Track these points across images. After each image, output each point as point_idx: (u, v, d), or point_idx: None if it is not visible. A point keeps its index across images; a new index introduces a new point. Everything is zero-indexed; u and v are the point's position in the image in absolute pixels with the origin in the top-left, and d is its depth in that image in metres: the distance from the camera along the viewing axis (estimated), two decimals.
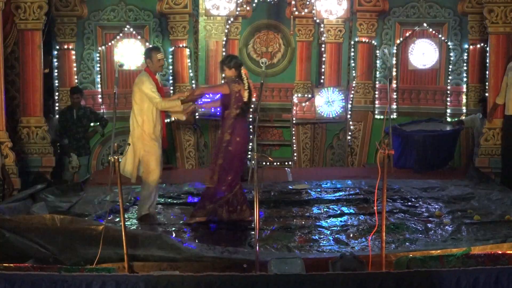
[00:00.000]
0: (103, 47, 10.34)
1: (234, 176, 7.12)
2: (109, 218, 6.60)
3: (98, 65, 10.34)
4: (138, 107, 7.08)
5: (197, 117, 10.16)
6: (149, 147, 7.12)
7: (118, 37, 10.33)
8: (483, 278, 4.61)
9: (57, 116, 9.98)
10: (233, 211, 7.12)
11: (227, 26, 10.88)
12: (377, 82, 10.63)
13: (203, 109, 9.70)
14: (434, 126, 10.16)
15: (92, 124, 10.03)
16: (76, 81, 10.24)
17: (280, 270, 4.88)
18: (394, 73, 10.56)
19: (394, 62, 10.55)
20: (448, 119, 10.51)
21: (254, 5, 11.00)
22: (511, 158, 8.72)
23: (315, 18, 10.83)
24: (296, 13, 10.97)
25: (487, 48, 9.41)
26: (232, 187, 7.13)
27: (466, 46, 10.41)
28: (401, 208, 7.50)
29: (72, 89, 9.89)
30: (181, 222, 7.14)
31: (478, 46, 10.28)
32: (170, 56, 10.39)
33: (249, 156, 7.24)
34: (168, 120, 10.46)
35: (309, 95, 10.85)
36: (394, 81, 10.57)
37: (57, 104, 10.15)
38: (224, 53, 10.84)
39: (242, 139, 7.07)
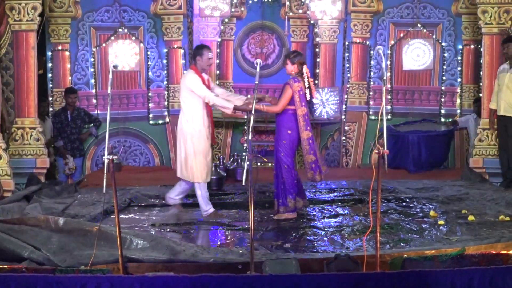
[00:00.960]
0: (97, 48, 10.33)
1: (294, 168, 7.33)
2: (103, 219, 6.59)
3: (93, 66, 10.32)
4: (187, 105, 7.24)
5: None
6: (198, 144, 7.23)
7: (112, 38, 10.32)
8: (477, 278, 4.61)
9: (51, 117, 9.96)
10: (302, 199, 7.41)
11: (222, 27, 10.88)
12: (371, 83, 10.66)
13: None
14: (429, 126, 10.19)
15: (86, 125, 10.02)
16: (71, 82, 10.22)
17: (275, 271, 4.88)
18: (388, 74, 10.58)
19: (388, 62, 10.57)
20: (442, 120, 10.54)
21: (248, 6, 11.00)
22: (507, 156, 8.72)
23: (309, 19, 10.84)
24: (291, 13, 10.97)
25: (481, 49, 9.43)
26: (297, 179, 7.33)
27: (460, 46, 10.45)
28: (395, 209, 7.51)
29: (67, 89, 9.87)
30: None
31: (472, 46, 10.33)
32: (165, 57, 10.38)
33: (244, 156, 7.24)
34: (162, 121, 10.48)
35: None
36: (389, 82, 10.60)
37: (51, 105, 10.13)
38: (218, 54, 10.84)
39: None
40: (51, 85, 10.19)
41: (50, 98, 10.16)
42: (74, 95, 9.75)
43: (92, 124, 10.02)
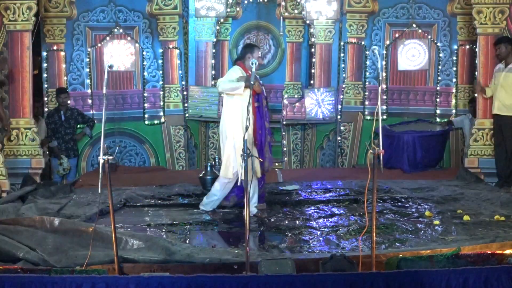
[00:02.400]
0: (92, 48, 10.32)
1: None
2: (99, 220, 6.58)
3: (88, 66, 10.30)
4: (227, 102, 7.19)
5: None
6: (239, 140, 6.99)
7: (107, 38, 10.31)
8: (472, 278, 4.62)
9: (45, 117, 9.95)
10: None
11: (217, 27, 10.88)
12: (367, 83, 10.67)
13: None
14: (424, 126, 10.21)
15: (79, 125, 10.00)
16: (66, 82, 10.20)
17: (271, 271, 4.88)
18: (383, 74, 10.60)
19: (383, 63, 10.59)
20: (438, 120, 10.56)
21: (244, 6, 11.01)
22: (504, 155, 8.74)
23: (305, 19, 10.85)
24: (286, 14, 10.99)
25: (476, 49, 9.45)
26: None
27: (455, 47, 10.47)
28: (391, 209, 7.52)
29: (58, 89, 9.86)
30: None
31: (467, 47, 10.35)
32: (160, 57, 10.37)
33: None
34: (158, 121, 10.47)
35: (299, 96, 10.86)
36: (384, 82, 10.61)
37: (46, 106, 10.11)
38: (214, 54, 10.85)
39: None
40: (46, 85, 10.17)
41: (46, 98, 10.14)
42: (64, 94, 9.74)
43: (86, 124, 10.00)
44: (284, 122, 10.74)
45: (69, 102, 10.03)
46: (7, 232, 5.69)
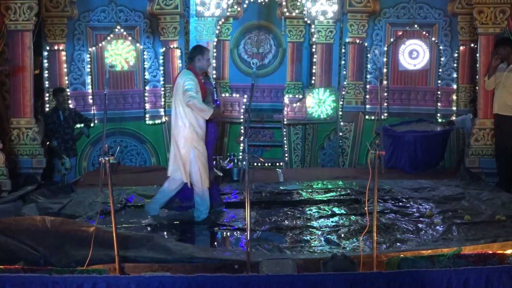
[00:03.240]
0: (93, 48, 10.31)
1: None
2: (99, 220, 6.59)
3: (89, 66, 10.29)
4: (184, 110, 6.95)
5: None
6: (202, 148, 7.08)
7: (108, 38, 10.31)
8: (473, 278, 4.62)
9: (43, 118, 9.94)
10: None
11: (218, 27, 10.88)
12: (367, 83, 10.66)
13: None
14: (425, 126, 10.19)
15: (78, 125, 10.01)
16: (67, 82, 10.20)
17: (272, 271, 4.88)
18: (384, 74, 10.59)
19: (384, 61, 10.57)
20: (439, 120, 10.55)
21: (245, 6, 11.01)
22: (504, 155, 8.73)
23: (306, 19, 10.84)
24: (287, 14, 10.98)
25: (477, 49, 9.44)
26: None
27: (456, 46, 10.45)
28: (392, 209, 7.52)
29: (56, 89, 9.85)
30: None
31: (468, 46, 10.33)
32: (161, 57, 10.37)
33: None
34: (159, 121, 10.47)
35: (300, 96, 10.86)
36: (385, 82, 10.60)
37: (47, 106, 10.11)
38: (215, 54, 10.85)
39: None
40: (47, 85, 10.16)
41: (46, 98, 10.13)
42: (62, 94, 9.75)
43: (84, 124, 10.00)
44: (285, 122, 10.74)
45: (70, 102, 10.03)
46: (8, 232, 5.69)
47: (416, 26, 10.51)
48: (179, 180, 7.24)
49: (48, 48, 10.15)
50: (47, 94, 10.10)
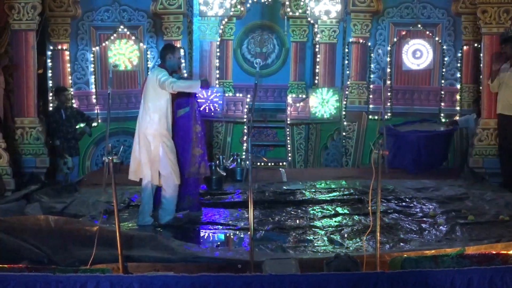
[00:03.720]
0: (97, 47, 10.33)
1: None
2: (103, 219, 6.60)
3: (92, 65, 10.31)
4: (154, 104, 6.88)
5: None
6: (170, 143, 6.97)
7: (112, 37, 10.32)
8: (477, 278, 4.62)
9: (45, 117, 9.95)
10: None
11: (221, 27, 10.88)
12: (371, 83, 10.65)
13: None
14: (428, 126, 10.18)
15: (80, 124, 10.01)
16: (70, 81, 10.22)
17: (275, 271, 4.88)
18: (388, 74, 10.58)
19: (388, 61, 10.57)
20: (442, 120, 10.54)
21: (248, 5, 11.02)
22: (508, 155, 8.72)
23: (309, 19, 10.84)
24: (290, 13, 10.99)
25: (481, 49, 9.43)
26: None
27: (460, 46, 10.43)
28: (395, 209, 7.51)
29: (57, 88, 9.87)
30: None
31: (472, 46, 10.32)
32: None
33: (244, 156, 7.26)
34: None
35: (303, 96, 10.86)
36: (388, 82, 10.59)
37: (50, 105, 10.12)
38: (218, 54, 10.86)
39: None
40: (51, 85, 10.17)
41: (50, 98, 10.14)
42: (64, 92, 9.76)
43: (85, 123, 10.01)
44: (288, 122, 10.74)
45: (73, 101, 10.04)
46: (12, 231, 5.70)
47: (419, 26, 10.50)
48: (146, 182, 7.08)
49: (51, 47, 10.16)
50: (50, 94, 10.11)
